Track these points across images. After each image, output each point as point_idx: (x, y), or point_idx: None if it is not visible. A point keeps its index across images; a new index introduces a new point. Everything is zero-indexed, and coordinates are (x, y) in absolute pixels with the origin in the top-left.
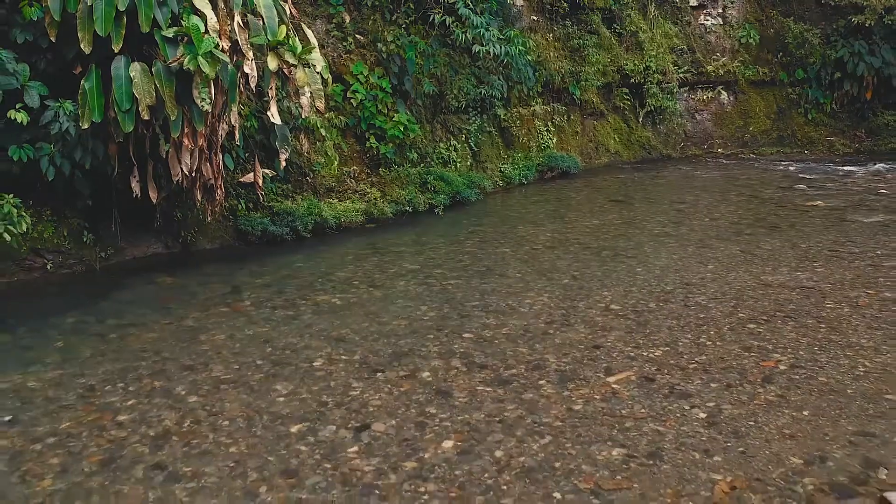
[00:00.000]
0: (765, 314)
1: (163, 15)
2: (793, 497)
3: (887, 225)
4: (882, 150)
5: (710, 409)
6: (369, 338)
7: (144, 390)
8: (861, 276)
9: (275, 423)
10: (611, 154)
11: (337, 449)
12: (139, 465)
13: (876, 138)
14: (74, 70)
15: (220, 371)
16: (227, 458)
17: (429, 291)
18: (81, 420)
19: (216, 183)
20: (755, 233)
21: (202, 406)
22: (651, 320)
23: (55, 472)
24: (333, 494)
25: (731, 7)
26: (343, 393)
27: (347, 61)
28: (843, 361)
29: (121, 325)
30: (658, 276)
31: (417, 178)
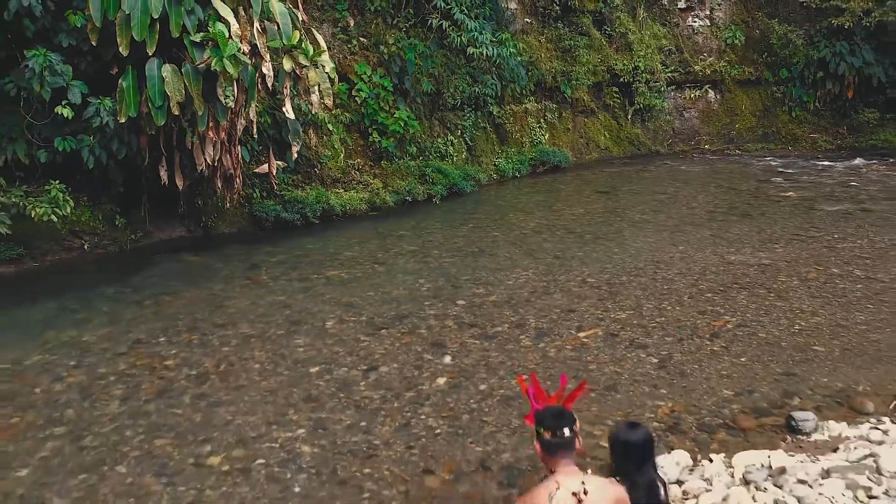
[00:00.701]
0: (722, 286)
1: (191, 22)
2: (719, 416)
3: (849, 213)
4: (863, 146)
5: (662, 356)
6: (374, 303)
7: (184, 342)
8: (815, 256)
9: (296, 366)
10: (601, 150)
11: (349, 383)
12: (187, 395)
13: (857, 135)
14: (111, 71)
15: (247, 328)
16: (259, 390)
17: (427, 268)
18: (134, 364)
19: (235, 172)
20: (727, 220)
21: (234, 354)
22: (621, 290)
23: (119, 399)
24: (348, 413)
25: (718, 9)
26: (353, 344)
27: (352, 62)
28: (783, 322)
29: (155, 294)
30: (632, 255)
31: (417, 171)
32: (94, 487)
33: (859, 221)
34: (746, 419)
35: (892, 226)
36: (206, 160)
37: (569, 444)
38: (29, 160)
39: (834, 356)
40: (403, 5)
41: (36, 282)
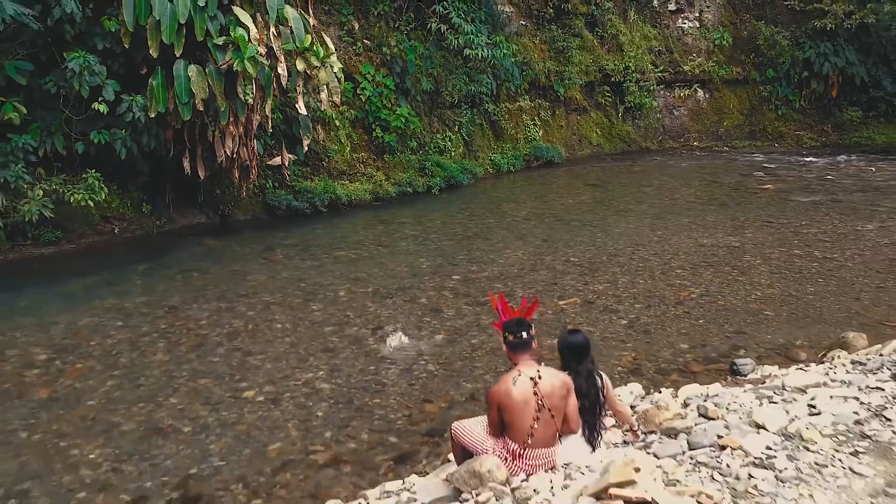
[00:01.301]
0: (692, 264)
1: (213, 27)
2: (674, 363)
3: (820, 203)
4: (847, 143)
5: (630, 319)
6: (379, 278)
7: (213, 308)
8: (780, 239)
9: (313, 326)
10: (593, 146)
11: (359, 339)
12: (221, 348)
13: (841, 133)
14: (141, 71)
15: (268, 297)
16: (283, 344)
17: (426, 249)
18: (172, 324)
19: (251, 164)
20: (705, 209)
21: (258, 316)
22: (600, 268)
23: (162, 351)
24: (359, 361)
25: (706, 11)
26: (361, 309)
27: (357, 63)
28: (741, 293)
29: (183, 270)
30: (614, 239)
31: (417, 164)
32: (153, 412)
33: (827, 210)
34: (697, 365)
35: (857, 214)
36: (226, 152)
37: (527, 344)
38: (66, 152)
39: (781, 319)
40: (405, 10)
41: (74, 261)
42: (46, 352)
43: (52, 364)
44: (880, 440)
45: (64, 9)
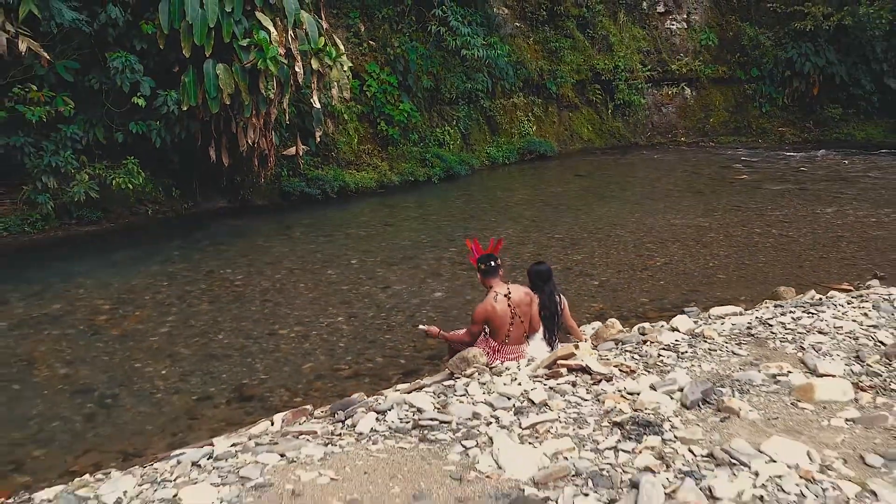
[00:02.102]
0: (661, 239)
1: (239, 30)
2: (635, 312)
3: (789, 191)
4: (827, 139)
5: (602, 281)
6: (386, 250)
7: (245, 272)
8: (744, 220)
9: (331, 285)
10: (584, 141)
11: (371, 294)
12: (255, 300)
13: (822, 129)
14: (174, 69)
15: (289, 264)
16: (306, 298)
17: (426, 228)
18: (211, 284)
19: (269, 153)
20: (681, 195)
21: (284, 279)
22: (580, 242)
23: (206, 303)
24: (371, 310)
25: (694, 12)
26: (372, 273)
27: (363, 62)
28: (701, 261)
29: (213, 244)
30: (595, 220)
31: (418, 155)
32: (206, 344)
33: (793, 197)
34: (653, 313)
35: (819, 200)
36: (248, 142)
37: (496, 271)
38: (107, 141)
39: (731, 281)
40: (406, 13)
41: (116, 237)
42: (109, 303)
43: (115, 312)
44: (760, 337)
45: (109, 14)
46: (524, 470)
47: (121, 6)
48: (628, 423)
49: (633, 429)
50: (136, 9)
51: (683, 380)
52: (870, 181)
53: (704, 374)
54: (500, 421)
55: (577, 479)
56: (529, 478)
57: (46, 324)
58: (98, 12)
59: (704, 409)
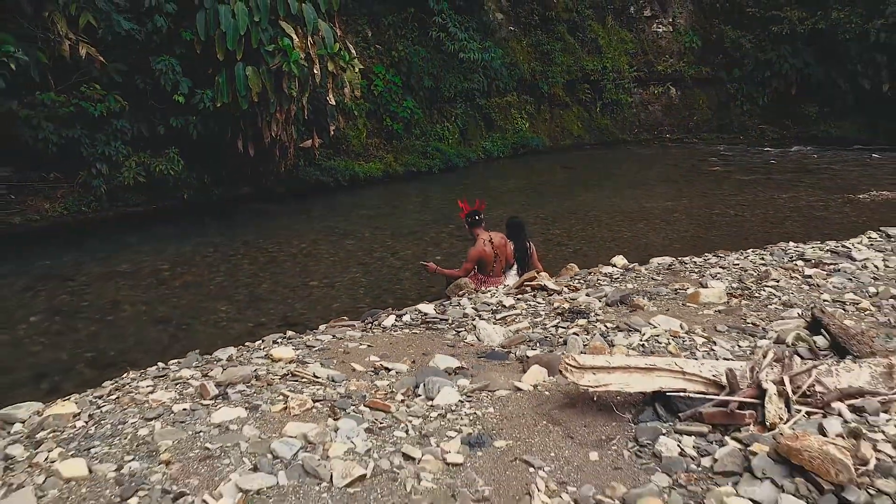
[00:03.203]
0: (631, 219)
1: (265, 37)
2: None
3: (755, 181)
4: (805, 136)
5: (575, 249)
6: (393, 226)
7: (275, 242)
8: (707, 204)
9: (349, 251)
10: (574, 137)
11: (382, 259)
12: (287, 262)
13: (800, 127)
14: (208, 71)
15: (312, 236)
16: (329, 260)
17: (428, 209)
18: (249, 251)
19: (289, 145)
20: (656, 184)
21: (309, 247)
22: (560, 220)
23: (247, 264)
24: (384, 269)
25: (679, 16)
26: (382, 243)
27: (370, 64)
28: (662, 235)
29: (244, 222)
30: (576, 203)
31: (420, 149)
32: (252, 291)
33: (757, 185)
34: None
35: (780, 188)
36: (271, 135)
37: (480, 222)
38: (150, 133)
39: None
40: (409, 20)
41: (159, 217)
42: (167, 264)
43: (174, 270)
44: (675, 270)
45: (155, 24)
46: (496, 339)
47: (164, 17)
48: (567, 312)
49: (570, 315)
50: (176, 19)
51: (609, 290)
52: (831, 172)
53: (627, 289)
54: (481, 317)
55: (530, 342)
56: (499, 344)
57: (120, 279)
58: (146, 22)
59: (621, 307)
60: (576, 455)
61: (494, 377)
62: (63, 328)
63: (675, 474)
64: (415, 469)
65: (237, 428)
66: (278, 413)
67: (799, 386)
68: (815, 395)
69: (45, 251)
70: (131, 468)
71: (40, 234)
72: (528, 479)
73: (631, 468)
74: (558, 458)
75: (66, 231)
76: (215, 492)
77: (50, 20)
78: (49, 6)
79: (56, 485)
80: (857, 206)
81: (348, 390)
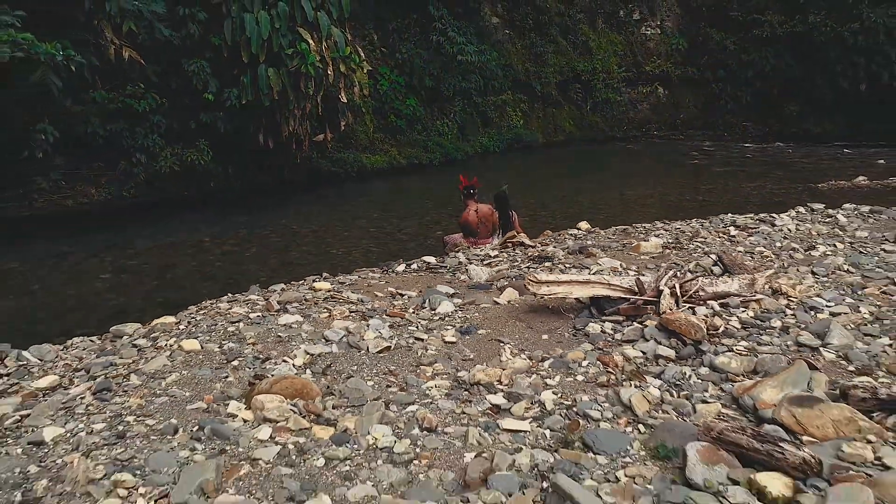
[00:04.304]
0: (610, 204)
1: (285, 42)
2: None
3: (728, 172)
4: (786, 133)
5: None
6: (399, 209)
7: (297, 221)
8: (680, 191)
9: (360, 229)
10: (566, 134)
11: (391, 233)
12: (309, 236)
13: (783, 124)
14: (234, 72)
15: (328, 217)
16: (345, 235)
17: (429, 195)
18: (274, 228)
19: (304, 139)
20: (638, 175)
21: (326, 224)
22: (548, 205)
23: (275, 238)
24: (392, 243)
25: (667, 20)
26: (390, 222)
27: (376, 65)
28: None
29: (266, 205)
30: (562, 192)
31: (421, 143)
32: (283, 257)
33: (728, 176)
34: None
35: (749, 178)
36: (289, 130)
37: (474, 195)
38: (182, 128)
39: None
40: (412, 25)
41: (191, 202)
42: (207, 237)
43: (213, 241)
44: (628, 232)
45: (188, 30)
46: (482, 277)
47: (196, 24)
48: (537, 258)
49: (539, 260)
50: (206, 26)
51: (571, 243)
52: (801, 166)
53: (586, 243)
54: (472, 263)
55: (508, 278)
56: (485, 279)
57: (168, 249)
58: (180, 29)
59: (579, 255)
60: (532, 336)
61: (480, 297)
62: (131, 283)
63: (596, 343)
64: (423, 344)
65: (298, 326)
66: (325, 318)
67: (687, 290)
68: (698, 296)
69: (99, 229)
70: (229, 346)
71: (91, 216)
72: (499, 349)
73: (569, 342)
74: (521, 339)
75: (113, 212)
76: (290, 355)
77: (99, 27)
78: (98, 15)
79: (180, 354)
80: (815, 193)
81: (374, 307)
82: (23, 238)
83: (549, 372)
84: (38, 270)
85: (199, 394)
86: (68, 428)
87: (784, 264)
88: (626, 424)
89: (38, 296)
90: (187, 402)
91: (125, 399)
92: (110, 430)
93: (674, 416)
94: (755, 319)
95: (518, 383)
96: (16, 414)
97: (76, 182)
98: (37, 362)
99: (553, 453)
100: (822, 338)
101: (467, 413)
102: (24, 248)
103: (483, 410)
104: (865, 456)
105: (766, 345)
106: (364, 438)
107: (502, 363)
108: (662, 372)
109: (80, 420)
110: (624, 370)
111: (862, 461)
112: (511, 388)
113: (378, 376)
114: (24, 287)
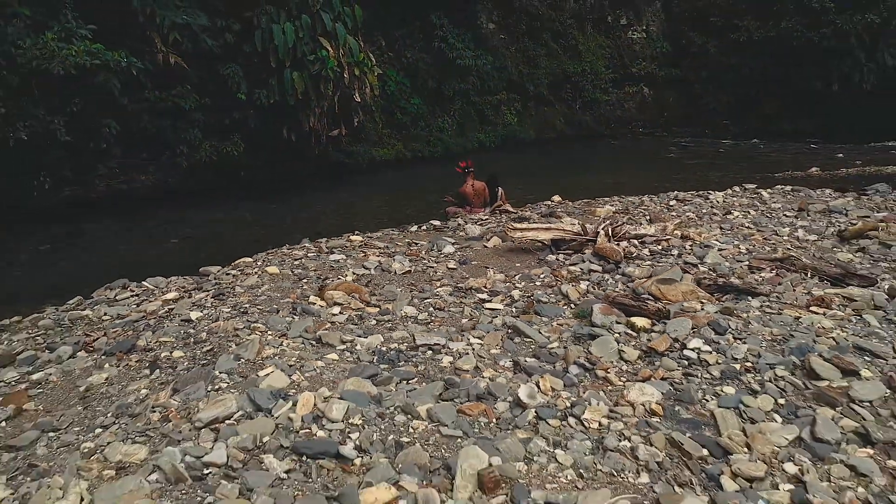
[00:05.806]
0: (591, 190)
1: (307, 49)
2: None
3: (699, 164)
4: (765, 130)
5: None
6: (406, 192)
7: (319, 201)
8: (650, 180)
9: (377, 207)
10: (557, 131)
11: (400, 209)
12: (334, 213)
13: (763, 123)
14: (262, 75)
15: (346, 198)
16: (363, 212)
17: (434, 181)
18: (303, 207)
19: (322, 132)
20: (620, 167)
21: (346, 203)
22: (535, 191)
23: (306, 213)
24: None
25: (652, 24)
26: (399, 202)
27: (384, 68)
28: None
29: (291, 190)
30: (548, 180)
31: (425, 138)
32: (314, 226)
33: (698, 168)
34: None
35: (716, 169)
36: (309, 126)
37: (471, 172)
38: (217, 123)
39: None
40: (416, 32)
41: (228, 189)
42: (249, 214)
43: (255, 218)
44: (590, 203)
45: (225, 39)
46: (476, 232)
47: (231, 34)
48: (516, 219)
49: (517, 219)
50: (240, 35)
51: (544, 209)
52: (766, 159)
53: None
54: (468, 225)
55: (494, 232)
56: (478, 234)
57: (217, 223)
58: (218, 38)
59: (549, 218)
60: (510, 265)
61: (473, 243)
62: (195, 246)
63: (552, 266)
64: (434, 269)
65: (343, 261)
66: (362, 257)
67: (617, 232)
68: (625, 235)
69: (153, 208)
70: (297, 272)
71: (143, 199)
72: (486, 272)
73: (533, 266)
74: (502, 266)
75: (161, 195)
76: (343, 275)
77: (150, 38)
78: (150, 27)
79: (266, 276)
80: (770, 180)
81: (396, 250)
82: (93, 214)
83: (518, 282)
84: (114, 236)
85: (286, 294)
86: (205, 313)
87: (700, 221)
88: (563, 305)
89: (122, 255)
90: (280, 299)
91: (236, 299)
92: (235, 310)
93: (593, 298)
94: (662, 251)
95: (497, 287)
96: (164, 308)
97: (128, 169)
98: (153, 288)
99: (515, 318)
100: (702, 259)
101: (464, 303)
102: (95, 222)
103: (473, 302)
104: (696, 308)
105: (663, 263)
106: (398, 313)
107: (488, 278)
108: (590, 278)
109: (211, 309)
110: (566, 278)
111: (693, 310)
112: (492, 289)
113: (404, 286)
114: (112, 248)
